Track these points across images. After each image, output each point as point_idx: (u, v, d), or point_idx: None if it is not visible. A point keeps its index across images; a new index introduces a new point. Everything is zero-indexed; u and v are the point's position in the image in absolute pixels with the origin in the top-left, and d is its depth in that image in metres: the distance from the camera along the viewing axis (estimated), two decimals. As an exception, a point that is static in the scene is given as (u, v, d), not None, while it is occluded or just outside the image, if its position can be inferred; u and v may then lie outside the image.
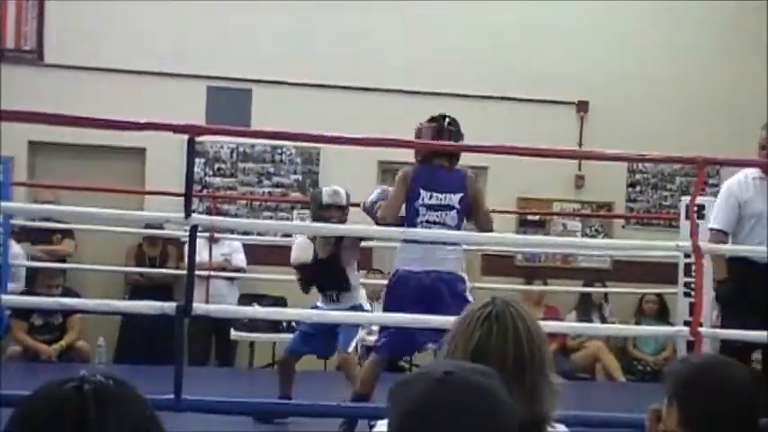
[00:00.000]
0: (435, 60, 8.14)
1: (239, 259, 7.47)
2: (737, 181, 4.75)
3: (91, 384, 1.29)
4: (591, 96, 8.43)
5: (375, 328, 5.25)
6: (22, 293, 6.51)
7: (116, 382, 1.31)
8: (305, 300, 5.48)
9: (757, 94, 7.91)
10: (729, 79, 8.43)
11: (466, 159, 7.47)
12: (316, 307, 5.16)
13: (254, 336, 6.97)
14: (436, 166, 4.66)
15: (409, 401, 1.37)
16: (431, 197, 4.58)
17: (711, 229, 4.72)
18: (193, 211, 3.87)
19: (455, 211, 4.60)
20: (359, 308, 5.18)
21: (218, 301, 6.81)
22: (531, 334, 1.73)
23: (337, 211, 5.07)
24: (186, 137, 3.84)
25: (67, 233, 7.37)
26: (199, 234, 7.00)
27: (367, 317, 5.19)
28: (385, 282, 7.36)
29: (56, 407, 1.29)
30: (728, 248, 4.64)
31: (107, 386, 1.30)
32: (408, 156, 7.20)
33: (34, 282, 6.88)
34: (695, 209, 4.52)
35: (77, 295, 6.61)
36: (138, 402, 1.33)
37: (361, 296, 5.34)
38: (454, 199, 4.61)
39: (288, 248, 5.43)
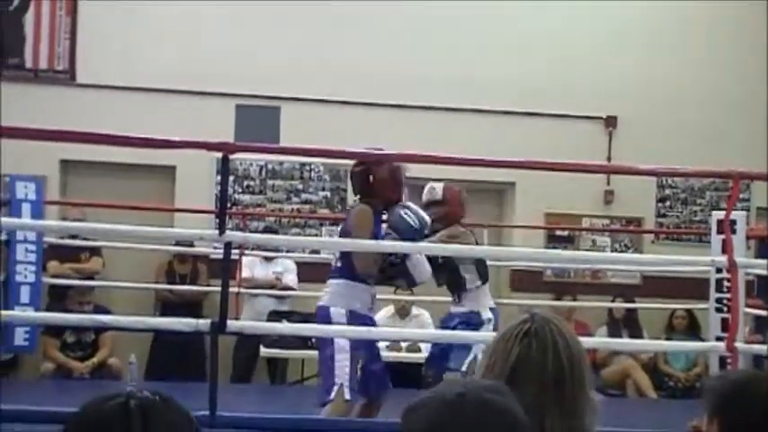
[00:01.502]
0: (463, 77, 8.15)
1: (290, 279, 7.49)
2: None
3: (137, 400, 1.30)
4: (619, 111, 8.41)
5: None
6: (49, 309, 6.57)
7: (162, 398, 1.33)
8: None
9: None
10: (760, 93, 8.37)
11: (495, 175, 7.55)
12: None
13: (285, 352, 6.97)
14: None
15: (424, 425, 1.35)
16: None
17: None
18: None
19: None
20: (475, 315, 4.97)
21: (262, 319, 6.84)
22: (571, 349, 1.73)
23: (436, 206, 5.01)
24: (219, 155, 3.87)
25: (95, 251, 7.42)
26: (249, 252, 7.10)
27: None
28: (415, 298, 7.42)
29: (102, 423, 1.30)
30: (763, 263, 4.60)
31: (153, 402, 1.31)
32: (437, 173, 7.20)
33: (65, 299, 6.94)
34: (729, 223, 4.49)
35: (108, 312, 6.66)
36: (183, 419, 1.34)
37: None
38: None
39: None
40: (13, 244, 6.20)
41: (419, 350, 7.14)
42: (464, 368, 4.72)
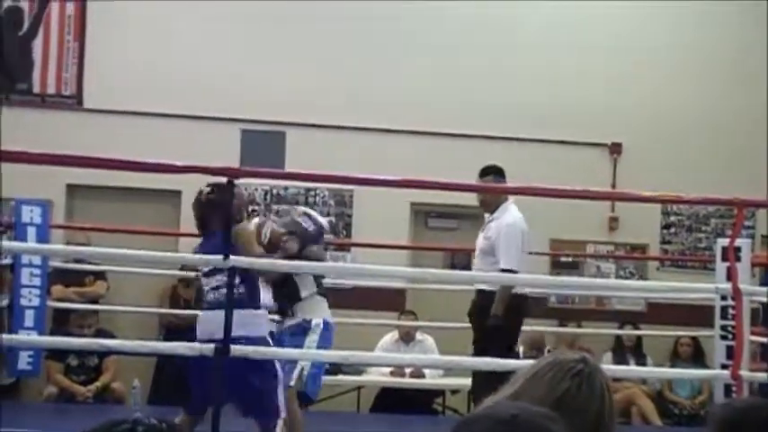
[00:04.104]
0: (468, 103, 8.18)
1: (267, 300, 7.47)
2: None
3: (144, 427, 1.31)
4: (624, 138, 8.42)
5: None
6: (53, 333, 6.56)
7: (168, 425, 1.33)
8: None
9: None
10: (764, 121, 8.40)
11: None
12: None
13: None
14: None
15: None
16: None
17: None
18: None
19: None
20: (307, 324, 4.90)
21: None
22: (611, 398, 1.82)
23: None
24: (224, 179, 3.89)
25: (100, 275, 7.43)
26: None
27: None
28: (419, 323, 7.40)
29: (109, 449, 1.30)
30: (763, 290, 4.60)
31: (159, 428, 1.32)
32: (440, 197, 7.24)
33: (67, 323, 6.94)
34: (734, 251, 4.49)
35: (112, 336, 6.65)
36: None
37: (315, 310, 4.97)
38: None
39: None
40: (18, 268, 6.22)
41: (423, 376, 7.13)
42: (292, 383, 4.66)
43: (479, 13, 8.25)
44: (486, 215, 5.60)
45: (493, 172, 5.54)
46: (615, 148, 8.43)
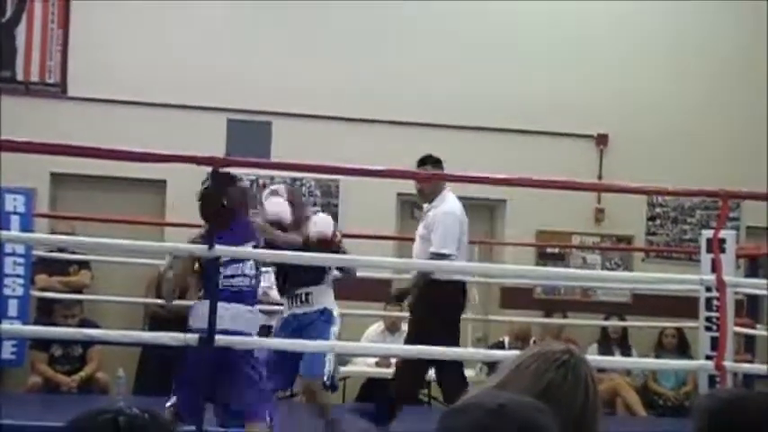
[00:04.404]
0: (455, 94, 8.17)
1: (275, 294, 7.46)
2: None
3: (126, 417, 1.29)
4: (610, 129, 8.44)
5: None
6: (37, 323, 6.51)
7: (151, 415, 1.32)
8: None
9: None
10: (750, 112, 8.42)
11: (487, 192, 7.56)
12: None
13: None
14: None
15: (463, 430, 1.37)
16: None
17: None
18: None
19: None
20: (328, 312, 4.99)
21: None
22: (596, 389, 1.82)
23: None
24: (209, 168, 3.87)
25: (84, 264, 7.39)
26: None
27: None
28: (405, 314, 7.40)
29: (90, 438, 1.29)
30: (752, 282, 4.62)
31: (142, 419, 1.30)
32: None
33: (51, 312, 6.90)
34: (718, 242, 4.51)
35: (96, 326, 6.62)
36: (170, 436, 1.33)
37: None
38: None
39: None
40: (1, 257, 6.17)
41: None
42: (325, 378, 4.79)
43: (467, 6, 8.24)
44: (425, 205, 5.59)
45: (431, 161, 5.53)
46: (601, 140, 8.45)
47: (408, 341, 5.16)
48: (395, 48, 8.25)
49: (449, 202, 5.43)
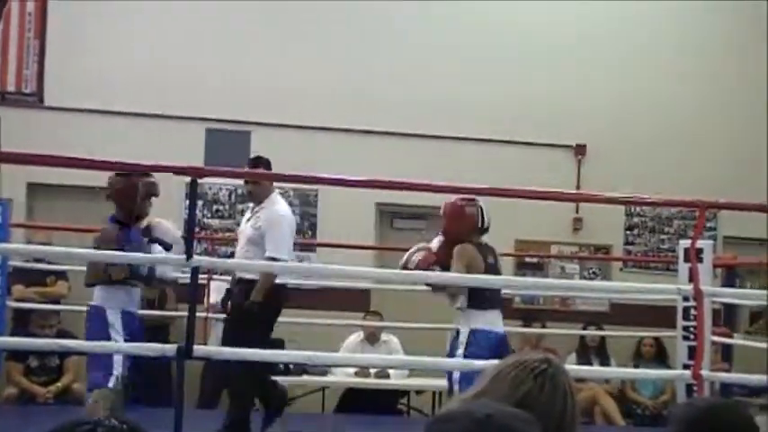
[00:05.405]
0: (434, 103, 8.20)
1: None
2: None
3: (104, 428, 1.29)
4: (589, 140, 8.48)
5: None
6: (13, 334, 6.45)
7: (129, 426, 1.31)
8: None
9: (756, 139, 7.98)
10: (727, 124, 8.50)
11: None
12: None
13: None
14: None
15: None
16: None
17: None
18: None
19: None
20: None
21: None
22: (574, 399, 1.82)
23: None
24: (188, 179, 3.86)
25: (61, 275, 7.34)
26: (217, 277, 7.03)
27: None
28: (384, 324, 7.39)
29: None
30: (730, 291, 4.65)
31: (120, 430, 1.30)
32: (406, 198, 7.21)
33: (28, 323, 6.84)
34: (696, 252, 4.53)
35: (73, 337, 6.56)
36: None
37: None
38: None
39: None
40: (-23, 267, 6.11)
41: (388, 376, 7.12)
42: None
43: (450, 15, 8.28)
44: (251, 204, 5.60)
45: (263, 162, 5.54)
46: (580, 150, 8.49)
47: (243, 342, 4.92)
48: (376, 58, 8.27)
49: (281, 205, 5.47)
